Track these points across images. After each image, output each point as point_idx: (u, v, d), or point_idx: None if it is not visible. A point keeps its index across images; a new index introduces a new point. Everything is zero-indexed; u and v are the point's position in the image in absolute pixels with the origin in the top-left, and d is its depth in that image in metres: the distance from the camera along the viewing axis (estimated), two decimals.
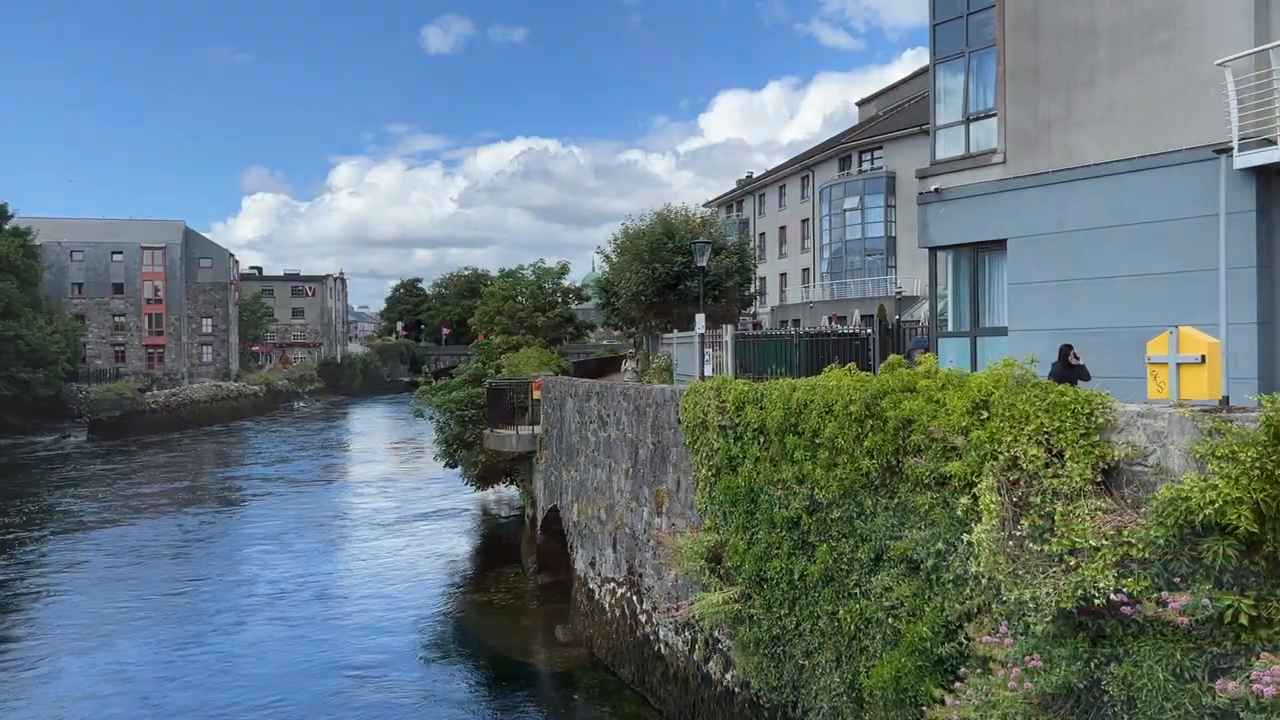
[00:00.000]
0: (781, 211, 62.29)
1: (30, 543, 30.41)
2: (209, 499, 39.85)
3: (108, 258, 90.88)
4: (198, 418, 74.05)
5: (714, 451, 12.36)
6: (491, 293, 42.47)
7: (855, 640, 9.49)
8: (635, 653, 16.16)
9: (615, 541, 17.39)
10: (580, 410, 20.12)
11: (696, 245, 22.47)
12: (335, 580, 25.99)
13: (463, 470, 31.93)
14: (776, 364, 17.39)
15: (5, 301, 64.46)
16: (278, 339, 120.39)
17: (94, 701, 16.82)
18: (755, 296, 41.03)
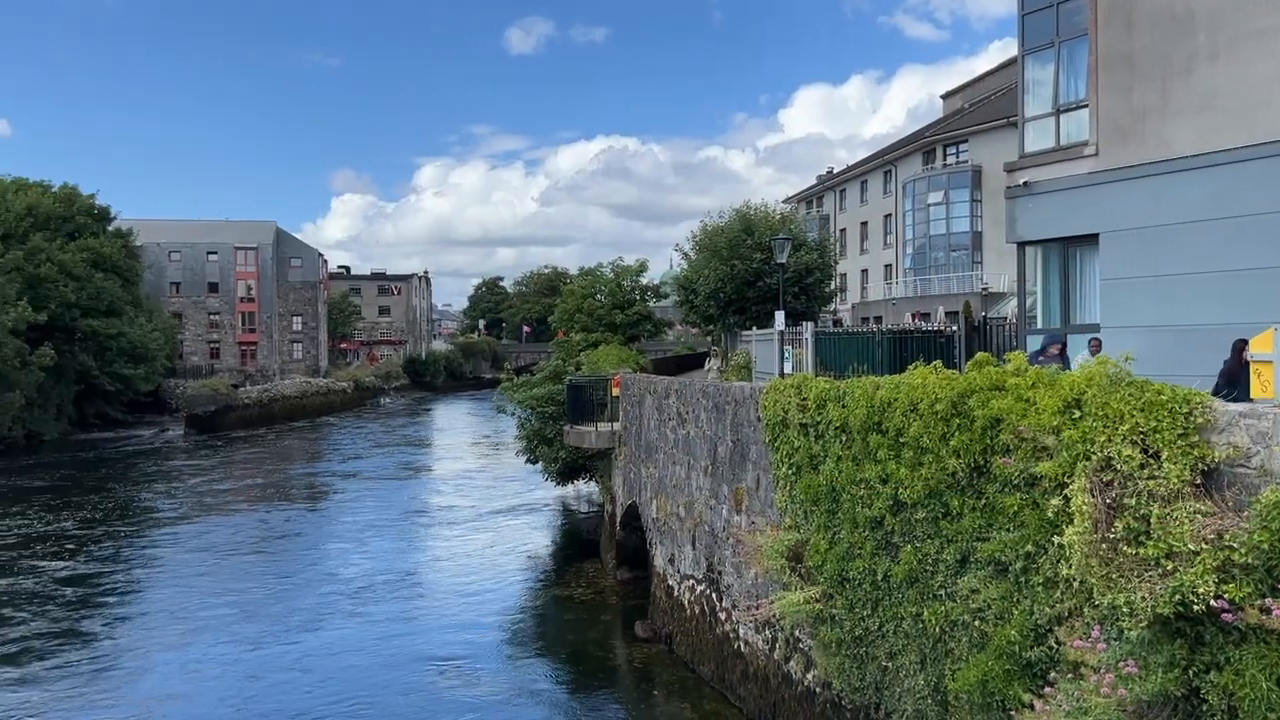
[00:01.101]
0: (863, 207, 61.45)
1: (123, 536, 31.46)
2: (297, 493, 40.98)
3: (204, 258, 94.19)
4: (288, 413, 76.26)
5: (795, 450, 12.27)
6: (571, 291, 42.78)
7: (940, 643, 9.33)
8: (715, 650, 16.15)
9: (694, 539, 17.40)
10: (659, 407, 20.17)
11: (776, 242, 22.35)
12: (419, 574, 26.48)
13: (543, 466, 32.29)
14: (858, 362, 17.20)
15: (108, 300, 67.26)
16: (365, 337, 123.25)
17: (179, 700, 17.00)
18: (836, 293, 40.56)
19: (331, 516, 35.76)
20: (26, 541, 30.05)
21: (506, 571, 26.32)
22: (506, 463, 43.43)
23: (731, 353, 29.00)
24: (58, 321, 61.67)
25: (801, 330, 19.41)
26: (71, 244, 67.09)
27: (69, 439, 60.89)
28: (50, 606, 22.79)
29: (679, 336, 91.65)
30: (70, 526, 32.61)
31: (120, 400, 69.94)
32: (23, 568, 26.59)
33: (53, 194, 70.48)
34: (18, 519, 34.01)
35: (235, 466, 50.49)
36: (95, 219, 71.95)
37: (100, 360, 66.28)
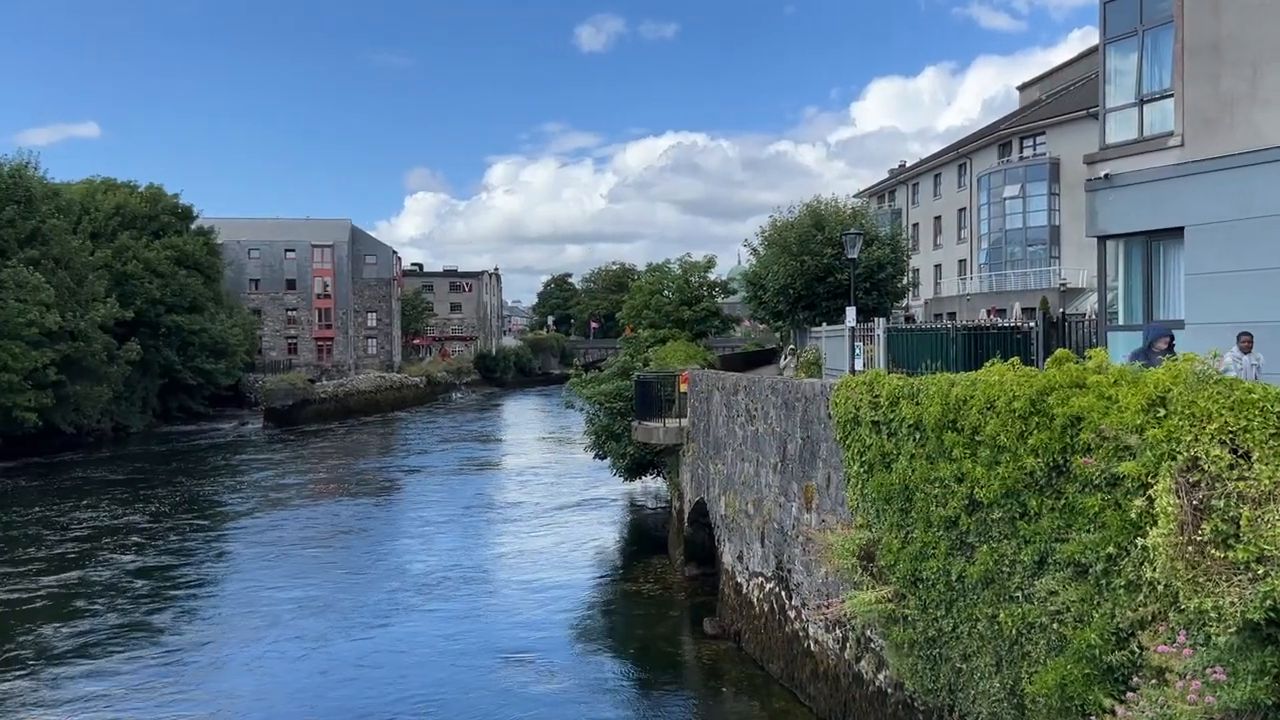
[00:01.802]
0: (936, 201, 60.43)
1: (198, 528, 32.25)
2: (369, 487, 41.76)
3: (282, 255, 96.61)
4: (363, 407, 77.81)
5: (866, 447, 12.13)
6: (639, 287, 42.83)
7: (1017, 645, 9.15)
8: (784, 648, 16.06)
9: (763, 536, 17.31)
10: (727, 404, 20.10)
11: (847, 236, 22.11)
12: (488, 568, 26.78)
13: (611, 461, 32.42)
14: (931, 358, 16.90)
15: (191, 297, 69.42)
16: (437, 332, 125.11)
17: (249, 696, 17.02)
18: (908, 289, 39.92)
19: (402, 510, 36.36)
20: (106, 532, 31.01)
21: (575, 566, 26.50)
22: (574, 458, 43.71)
23: (801, 349, 28.76)
24: (143, 317, 63.85)
25: (873, 326, 19.17)
26: (156, 242, 69.40)
27: (153, 431, 63.00)
28: (123, 599, 23.30)
29: (747, 333, 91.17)
30: (148, 517, 33.67)
31: (202, 394, 72.16)
32: (100, 559, 27.38)
33: (139, 194, 73.02)
34: (102, 509, 35.31)
35: (310, 459, 51.69)
36: (179, 218, 74.30)
37: (183, 355, 68.46)
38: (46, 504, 36.02)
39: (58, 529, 31.30)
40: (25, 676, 17.79)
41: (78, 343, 53.33)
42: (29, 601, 22.90)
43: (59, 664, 18.53)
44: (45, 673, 18.02)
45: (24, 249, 53.41)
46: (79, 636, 20.20)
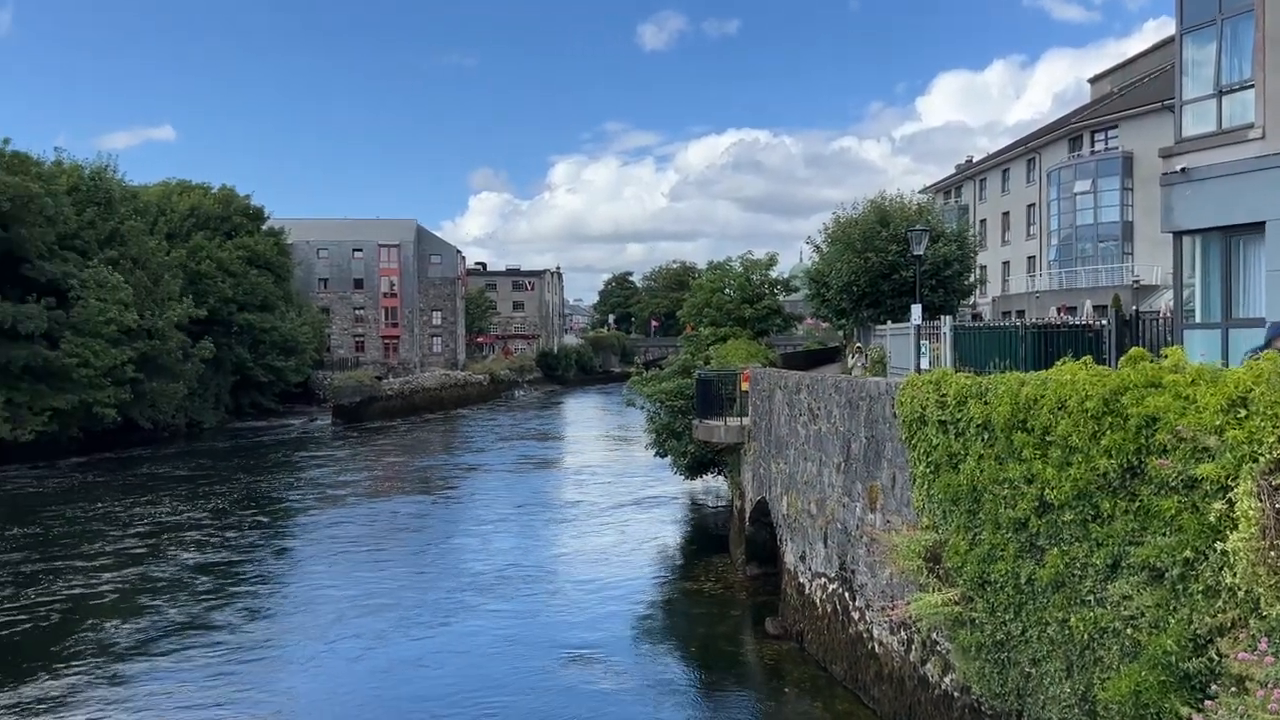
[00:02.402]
0: (1004, 196, 59.31)
1: (263, 524, 32.78)
2: (433, 483, 42.36)
3: (349, 255, 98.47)
4: (428, 404, 78.95)
5: (933, 447, 11.96)
6: (700, 285, 42.76)
7: (1088, 650, 8.94)
8: (847, 650, 15.92)
9: (826, 536, 17.17)
10: (790, 402, 19.97)
11: (913, 233, 21.82)
12: (550, 565, 26.95)
13: (672, 460, 32.43)
14: (999, 357, 16.60)
15: (262, 296, 71.14)
16: (499, 331, 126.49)
17: (308, 694, 17.03)
18: (975, 286, 39.26)
19: (464, 507, 36.75)
20: (174, 527, 31.65)
21: (636, 564, 26.56)
22: (635, 456, 43.82)
23: (867, 347, 28.46)
24: (216, 316, 65.58)
25: (939, 324, 18.89)
26: (229, 242, 71.26)
27: (225, 427, 64.68)
28: (188, 595, 23.49)
29: (809, 331, 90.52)
30: (216, 513, 34.36)
31: (273, 391, 73.88)
32: (167, 554, 27.80)
33: (212, 195, 75.04)
34: (172, 504, 36.33)
35: (375, 456, 52.59)
36: (250, 218, 76.18)
37: (254, 353, 70.20)
38: (121, 498, 37.14)
39: (130, 523, 32.14)
40: (88, 671, 17.98)
41: (154, 341, 54.98)
42: (97, 596, 23.36)
43: (122, 660, 18.61)
44: (108, 669, 18.15)
45: (104, 249, 55.25)
46: (141, 633, 20.38)
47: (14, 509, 35.15)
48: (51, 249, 51.95)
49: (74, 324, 50.36)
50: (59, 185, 54.06)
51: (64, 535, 30.09)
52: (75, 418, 50.81)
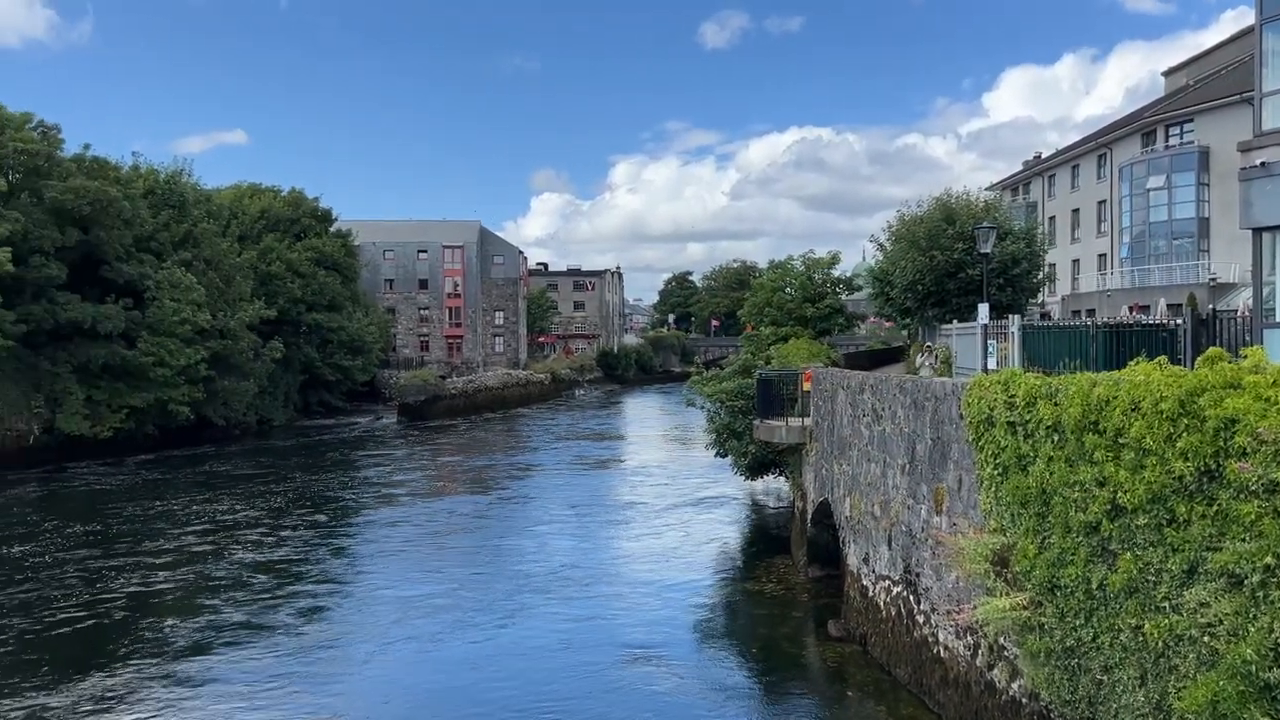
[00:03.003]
0: (1074, 193, 58.00)
1: (326, 522, 33.03)
2: (494, 481, 42.76)
3: (414, 256, 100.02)
4: (490, 403, 79.82)
5: (1001, 449, 11.75)
6: (760, 284, 42.53)
7: (1163, 658, 8.71)
8: (912, 653, 15.72)
9: (890, 539, 16.97)
10: (853, 403, 19.78)
11: (980, 230, 21.44)
12: (609, 564, 27.04)
13: (732, 460, 32.31)
14: (1070, 357, 16.23)
15: (330, 296, 72.55)
16: (560, 331, 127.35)
17: (367, 694, 17.01)
18: (1044, 284, 38.44)
19: (524, 506, 36.95)
20: (241, 524, 32.21)
21: (696, 564, 26.52)
22: (695, 456, 43.78)
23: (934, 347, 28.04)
24: (286, 316, 67.08)
25: (1007, 324, 18.54)
26: (298, 244, 72.85)
27: (294, 425, 66.11)
28: (249, 593, 23.43)
29: (872, 330, 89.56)
30: (280, 510, 34.95)
31: (340, 389, 75.34)
32: (231, 550, 28.06)
33: (282, 198, 76.79)
34: (241, 500, 37.21)
35: (438, 454, 53.29)
36: (319, 220, 77.76)
37: (322, 352, 71.67)
38: (190, 495, 38.13)
39: (195, 520, 32.74)
40: (145, 670, 17.98)
41: (226, 340, 56.44)
42: (158, 594, 23.55)
43: (179, 659, 18.76)
44: (164, 667, 18.09)
45: (178, 251, 56.87)
46: (199, 632, 20.52)
47: (88, 504, 36.34)
48: (129, 251, 53.64)
49: (150, 324, 51.94)
50: (136, 189, 55.81)
51: (131, 531, 30.85)
52: (151, 415, 52.42)
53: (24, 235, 47.23)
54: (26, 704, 16.29)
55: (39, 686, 17.11)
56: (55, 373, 49.32)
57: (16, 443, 47.52)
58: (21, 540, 29.36)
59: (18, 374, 48.34)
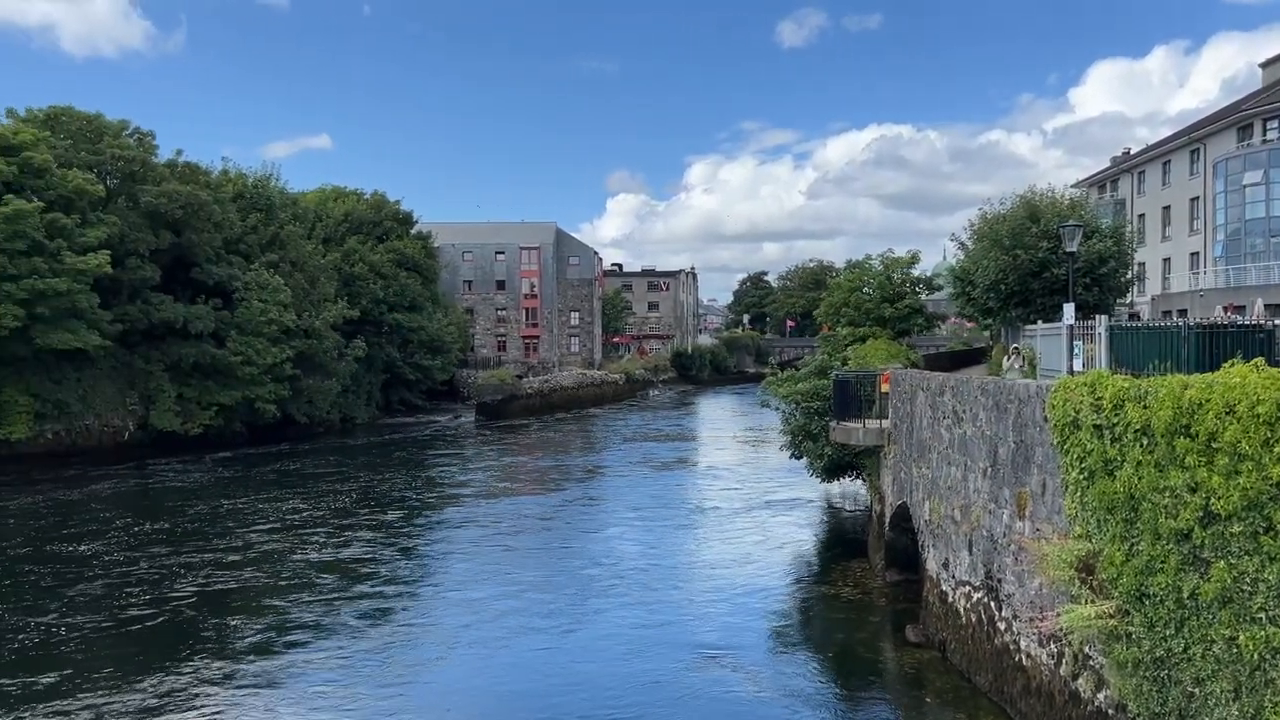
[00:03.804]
0: (1165, 190, 56.10)
1: (402, 521, 33.42)
2: (568, 480, 43.04)
3: (492, 257, 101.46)
4: (565, 403, 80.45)
5: (1087, 453, 11.44)
6: (838, 284, 42.03)
7: (1260, 671, 8.38)
8: (993, 661, 15.39)
9: (971, 543, 16.64)
10: (932, 405, 19.44)
11: (1065, 229, 20.85)
12: (683, 564, 26.98)
13: (808, 462, 32.00)
14: (1160, 359, 15.71)
15: (411, 297, 73.95)
16: (635, 331, 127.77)
17: (434, 692, 17.08)
18: (1132, 284, 37.21)
19: (597, 505, 37.12)
20: (314, 522, 32.67)
21: (770, 566, 26.32)
22: (770, 457, 43.48)
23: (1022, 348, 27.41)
24: (368, 316, 68.61)
25: (1094, 324, 18.02)
26: (380, 246, 74.45)
27: (376, 423, 67.55)
28: (319, 590, 23.41)
29: (953, 331, 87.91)
30: (352, 508, 35.43)
31: (420, 388, 76.76)
32: (308, 547, 28.24)
33: (365, 201, 78.58)
34: (321, 497, 38.07)
35: (514, 453, 53.89)
36: (400, 223, 79.34)
37: (403, 352, 73.11)
38: (273, 491, 39.16)
39: (273, 516, 33.26)
40: (210, 669, 18.00)
41: (311, 340, 57.96)
42: (229, 593, 23.57)
43: (243, 658, 18.74)
44: (229, 666, 18.29)
45: (265, 253, 58.63)
46: (264, 632, 20.48)
47: (172, 499, 37.60)
48: (218, 253, 55.47)
49: (238, 323, 53.64)
50: (225, 193, 57.72)
51: (208, 528, 31.37)
52: (239, 413, 54.17)
53: (121, 238, 49.22)
54: (92, 701, 16.35)
55: (104, 683, 17.18)
56: (149, 371, 51.28)
57: (113, 438, 49.56)
58: (103, 535, 30.17)
59: (114, 372, 50.40)
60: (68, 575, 25.06)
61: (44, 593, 23.46)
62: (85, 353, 47.30)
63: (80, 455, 46.74)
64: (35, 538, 29.89)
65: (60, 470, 43.02)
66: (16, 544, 29.02)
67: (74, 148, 50.47)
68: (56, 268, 44.11)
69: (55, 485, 39.59)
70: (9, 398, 44.55)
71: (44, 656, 18.74)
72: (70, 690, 16.88)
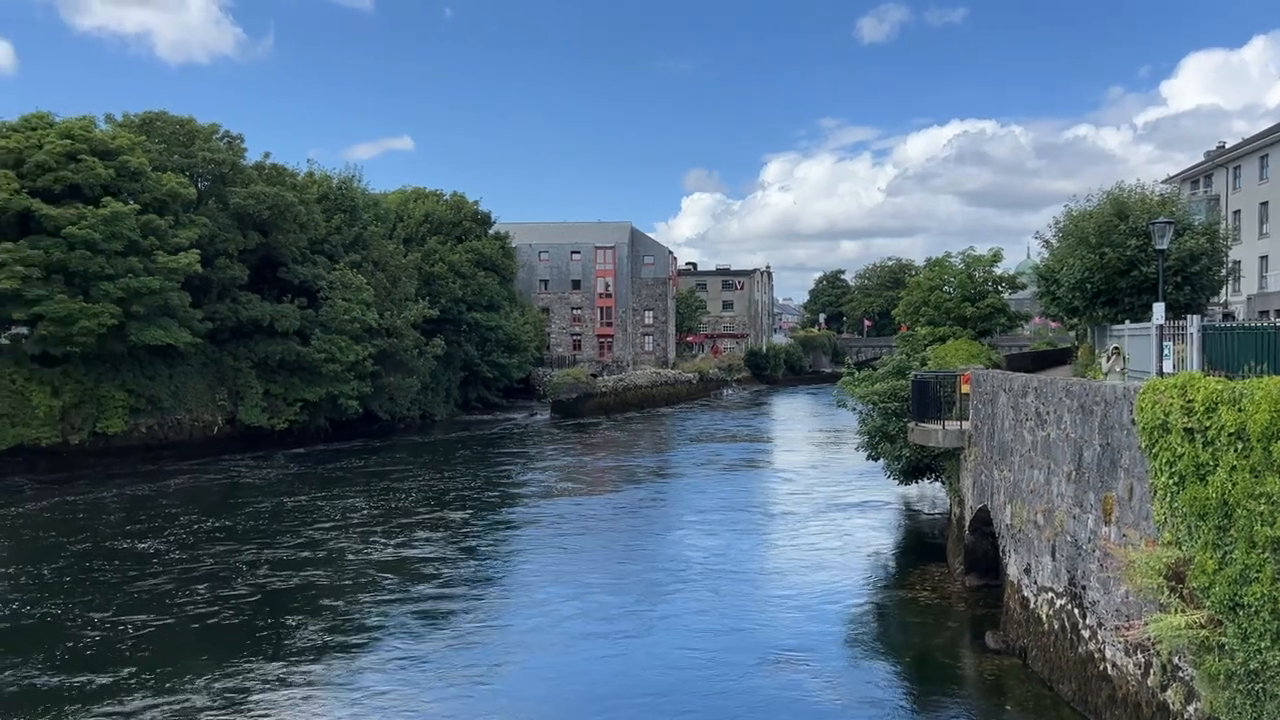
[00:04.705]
0: (1262, 185, 53.89)
1: (475, 519, 33.52)
2: (641, 479, 43.11)
3: (568, 257, 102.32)
4: (639, 401, 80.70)
5: (1177, 457, 11.06)
6: (917, 283, 41.34)
7: None
8: (1076, 669, 14.99)
9: (1054, 549, 16.23)
10: (1015, 406, 19.01)
11: (1156, 226, 20.24)
12: (756, 565, 26.83)
13: (885, 464, 31.57)
14: (1256, 360, 15.12)
15: (489, 296, 74.99)
16: (709, 330, 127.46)
17: (504, 693, 16.95)
18: (1226, 283, 35.84)
19: (670, 505, 37.04)
20: (386, 517, 33.12)
21: (846, 568, 26.00)
22: (845, 458, 43.02)
23: (1099, 350, 26.64)
24: (447, 315, 69.75)
25: (1185, 324, 17.43)
26: (459, 246, 75.63)
27: (454, 420, 68.67)
28: (374, 593, 23.24)
29: (1038, 331, 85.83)
30: (429, 503, 35.98)
31: (497, 386, 77.80)
32: (375, 547, 28.47)
33: (445, 202, 79.91)
34: (399, 492, 38.82)
35: (588, 451, 54.19)
36: (478, 223, 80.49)
37: (481, 350, 74.18)
38: (353, 485, 39.97)
39: (353, 512, 33.66)
40: (275, 666, 18.14)
41: (392, 338, 59.20)
42: (294, 591, 23.54)
43: (309, 657, 18.74)
44: (294, 665, 18.25)
45: (348, 253, 60.05)
46: (326, 632, 20.39)
47: (253, 493, 38.77)
48: (304, 253, 56.98)
49: (322, 322, 55.03)
50: (311, 194, 59.23)
51: (276, 525, 31.66)
52: (323, 409, 55.57)
53: (211, 239, 50.90)
54: (152, 700, 16.38)
55: (164, 681, 17.24)
56: (237, 368, 52.93)
57: (203, 433, 51.25)
58: (164, 532, 30.38)
59: (204, 368, 52.15)
60: (129, 571, 25.30)
61: (106, 588, 23.68)
62: (177, 349, 49.01)
63: (171, 448, 48.45)
64: (103, 533, 30.43)
65: (140, 464, 44.77)
66: (82, 539, 29.53)
67: (167, 151, 52.32)
68: (151, 267, 45.76)
69: (129, 480, 40.80)
70: (106, 393, 46.37)
71: (104, 653, 18.81)
72: (129, 689, 16.89)
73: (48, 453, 44.06)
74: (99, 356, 46.01)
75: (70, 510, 34.58)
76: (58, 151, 44.87)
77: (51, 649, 19.10)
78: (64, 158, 44.97)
